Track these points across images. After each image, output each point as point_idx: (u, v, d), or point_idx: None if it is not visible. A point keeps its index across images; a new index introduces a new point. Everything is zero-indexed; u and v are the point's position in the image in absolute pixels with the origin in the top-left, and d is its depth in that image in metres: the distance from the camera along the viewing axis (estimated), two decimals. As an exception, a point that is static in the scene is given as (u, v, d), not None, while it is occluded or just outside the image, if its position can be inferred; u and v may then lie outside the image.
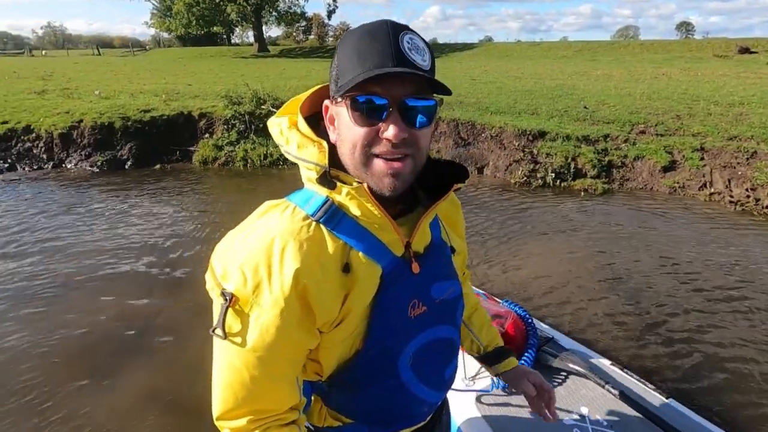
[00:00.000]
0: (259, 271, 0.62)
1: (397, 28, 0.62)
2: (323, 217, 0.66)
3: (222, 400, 0.66)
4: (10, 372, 2.48)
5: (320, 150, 0.66)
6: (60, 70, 16.31)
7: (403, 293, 0.71)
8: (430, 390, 0.82)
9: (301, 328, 0.65)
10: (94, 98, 8.79)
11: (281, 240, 0.63)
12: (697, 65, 15.39)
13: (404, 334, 0.73)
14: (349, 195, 0.65)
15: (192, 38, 37.04)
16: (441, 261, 0.78)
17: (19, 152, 6.92)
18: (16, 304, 3.14)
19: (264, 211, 0.69)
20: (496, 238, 4.21)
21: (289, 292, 0.62)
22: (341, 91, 0.62)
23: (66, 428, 2.13)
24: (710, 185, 5.28)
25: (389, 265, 0.69)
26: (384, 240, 0.69)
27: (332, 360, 0.72)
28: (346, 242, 0.67)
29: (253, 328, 0.63)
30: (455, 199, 0.88)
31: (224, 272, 0.64)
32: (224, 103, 7.45)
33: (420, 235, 0.73)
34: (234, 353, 0.65)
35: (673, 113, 7.23)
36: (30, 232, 4.41)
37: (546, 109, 7.68)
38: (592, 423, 1.42)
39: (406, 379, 0.75)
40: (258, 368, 0.64)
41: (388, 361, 0.73)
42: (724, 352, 2.62)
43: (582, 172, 5.74)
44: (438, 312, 0.77)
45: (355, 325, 0.68)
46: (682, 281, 3.41)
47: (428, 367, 0.79)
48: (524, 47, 25.34)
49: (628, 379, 1.63)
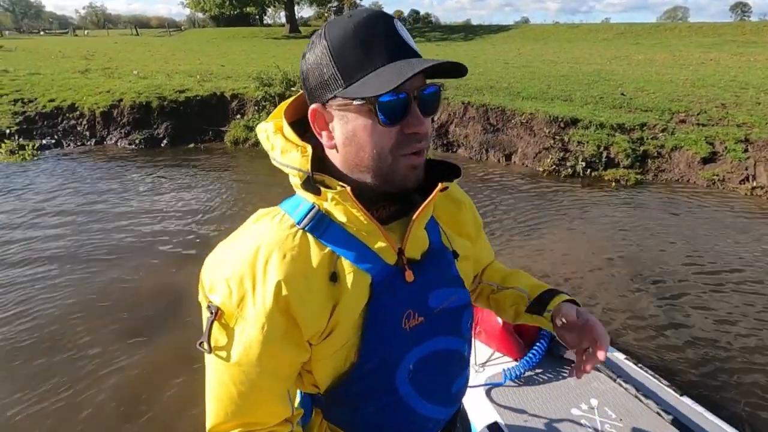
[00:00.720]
0: (243, 284, 0.61)
1: (388, 15, 0.59)
2: (309, 224, 0.64)
3: (213, 413, 0.66)
4: (62, 324, 2.75)
5: (303, 154, 0.63)
6: (101, 50, 16.92)
7: (394, 304, 0.67)
8: (434, 406, 0.77)
9: (286, 341, 0.63)
10: (132, 78, 9.11)
11: (265, 251, 0.62)
12: (751, 50, 14.41)
13: (399, 347, 0.69)
14: (334, 200, 0.63)
15: (225, 18, 37.44)
16: (440, 267, 0.73)
17: (64, 129, 7.31)
18: (68, 266, 3.43)
19: (255, 218, 0.68)
20: (520, 225, 4.17)
21: (272, 306, 0.60)
22: (360, 93, 0.57)
23: (109, 372, 2.39)
24: (753, 179, 5.02)
25: (379, 274, 0.65)
26: (374, 247, 0.65)
27: (326, 372, 0.69)
28: (333, 250, 0.64)
29: (237, 343, 0.62)
30: (457, 197, 0.82)
31: (211, 285, 0.63)
32: (255, 85, 7.58)
33: (413, 241, 0.69)
34: (221, 367, 0.64)
35: (718, 101, 6.86)
36: (75, 204, 4.71)
37: (580, 95, 7.43)
38: (600, 415, 1.44)
39: (405, 394, 0.71)
40: (244, 383, 0.63)
41: (384, 375, 0.69)
42: (750, 356, 2.54)
43: (614, 162, 5.57)
44: (438, 322, 0.72)
45: (346, 337, 0.65)
46: (712, 279, 3.30)
47: (430, 381, 0.74)
48: (562, 29, 24.35)
49: (642, 374, 1.62)
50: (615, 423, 1.41)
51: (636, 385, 1.52)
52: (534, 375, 1.63)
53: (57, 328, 2.76)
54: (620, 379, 1.55)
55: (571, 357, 1.67)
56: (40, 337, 2.67)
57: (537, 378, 1.62)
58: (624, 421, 1.41)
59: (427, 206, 0.66)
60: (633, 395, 1.49)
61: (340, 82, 0.58)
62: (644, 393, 1.49)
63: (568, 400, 1.51)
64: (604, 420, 1.42)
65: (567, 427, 1.40)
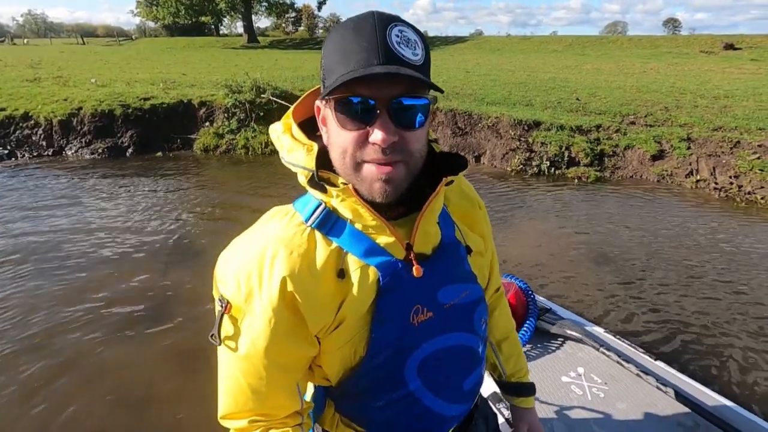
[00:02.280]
0: (251, 278, 0.62)
1: (386, 20, 0.57)
2: (316, 221, 0.65)
3: (224, 403, 0.68)
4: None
5: (308, 152, 0.64)
6: (47, 59, 16.03)
7: (401, 299, 0.67)
8: (446, 403, 0.76)
9: (291, 335, 0.64)
10: (90, 86, 8.74)
11: (273, 247, 0.63)
12: (684, 60, 15.79)
13: (408, 342, 0.69)
14: (339, 197, 0.63)
15: (179, 28, 36.48)
16: (452, 263, 0.72)
17: (18, 139, 6.89)
18: (42, 276, 3.27)
19: (269, 216, 0.69)
20: (492, 219, 4.41)
21: (278, 301, 0.62)
22: (326, 92, 0.57)
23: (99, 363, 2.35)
24: (696, 173, 5.55)
25: (386, 270, 0.65)
26: (381, 243, 0.65)
27: (335, 365, 0.70)
28: (341, 247, 0.65)
29: (245, 335, 0.64)
30: (471, 196, 0.81)
31: (222, 279, 0.65)
32: (224, 92, 7.49)
33: (422, 236, 0.67)
34: (231, 359, 0.66)
35: (662, 105, 7.51)
36: (33, 216, 4.48)
37: (540, 100, 7.89)
38: (587, 380, 1.60)
39: (415, 389, 0.72)
40: (253, 375, 0.65)
41: (393, 370, 0.69)
42: (703, 319, 2.87)
43: (575, 161, 5.97)
44: (448, 318, 0.72)
45: (354, 331, 0.66)
46: (666, 259, 3.66)
47: (441, 377, 0.74)
48: (515, 41, 25.55)
49: (620, 344, 1.81)
50: (601, 386, 1.57)
51: (617, 353, 1.69)
52: (526, 350, 1.78)
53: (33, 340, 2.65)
54: (602, 348, 1.72)
55: (557, 332, 1.84)
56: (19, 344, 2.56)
57: (528, 353, 1.76)
58: (609, 384, 1.57)
59: (434, 200, 0.66)
60: (615, 361, 1.66)
61: (324, 81, 0.60)
62: (624, 359, 1.66)
63: (558, 369, 1.66)
64: (591, 384, 1.58)
65: (559, 393, 1.55)
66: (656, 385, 1.53)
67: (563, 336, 1.83)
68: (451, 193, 0.78)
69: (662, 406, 1.47)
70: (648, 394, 1.52)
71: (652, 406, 1.47)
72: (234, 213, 4.57)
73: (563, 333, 1.83)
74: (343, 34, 0.58)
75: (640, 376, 1.58)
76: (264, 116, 7.32)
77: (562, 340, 1.82)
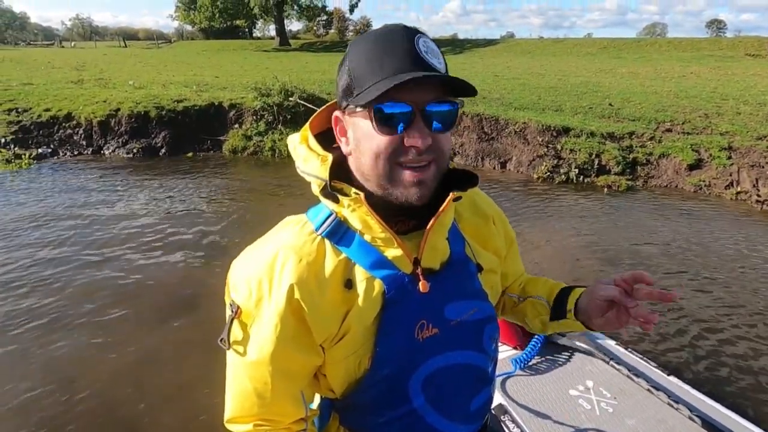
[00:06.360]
0: (262, 285, 0.64)
1: (412, 31, 0.61)
2: (326, 231, 0.66)
3: (230, 406, 0.70)
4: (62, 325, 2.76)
5: (323, 163, 0.66)
6: (91, 61, 16.85)
7: (406, 313, 0.67)
8: (451, 423, 0.74)
9: (296, 343, 0.65)
10: (128, 88, 9.12)
11: (284, 255, 0.65)
12: (728, 64, 15.04)
13: (412, 357, 0.68)
14: (350, 207, 0.64)
15: (215, 31, 37.63)
16: (460, 279, 0.72)
17: (60, 138, 7.27)
18: (68, 271, 3.44)
19: (282, 224, 0.71)
20: (516, 224, 4.30)
21: (284, 308, 0.63)
22: (361, 100, 0.59)
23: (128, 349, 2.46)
24: (737, 184, 5.27)
25: (392, 283, 0.66)
26: (389, 256, 0.66)
27: (339, 377, 0.70)
28: (349, 257, 0.66)
29: (253, 341, 0.65)
30: (485, 211, 0.81)
31: (234, 285, 0.67)
32: (253, 95, 7.67)
33: (430, 251, 0.68)
34: (238, 363, 0.68)
35: (701, 112, 7.17)
36: (74, 210, 4.70)
37: (570, 105, 7.69)
38: (596, 394, 1.55)
39: (419, 406, 0.71)
40: (259, 380, 0.66)
41: (396, 385, 0.69)
42: (731, 342, 2.70)
43: (606, 169, 5.78)
44: (454, 335, 0.71)
45: (359, 343, 0.66)
46: (698, 275, 3.48)
47: (446, 395, 0.73)
48: (547, 44, 25.04)
49: (632, 357, 1.74)
50: (610, 401, 1.51)
51: (627, 367, 1.64)
52: (534, 363, 1.73)
53: (60, 333, 2.78)
54: (612, 361, 1.67)
55: (566, 343, 1.79)
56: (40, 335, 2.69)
57: (536, 366, 1.72)
58: (618, 399, 1.52)
59: (442, 215, 0.66)
60: (625, 376, 1.60)
61: (353, 90, 0.61)
62: (635, 373, 1.60)
63: (566, 382, 1.61)
64: (600, 399, 1.53)
65: (566, 407, 1.50)
66: (668, 401, 1.48)
67: (573, 348, 1.79)
68: (462, 209, 0.78)
69: (673, 423, 1.41)
70: (659, 410, 1.47)
71: (663, 423, 1.41)
72: (260, 213, 4.66)
73: (573, 345, 1.79)
74: (375, 44, 0.61)
75: (651, 391, 1.52)
76: (291, 119, 7.44)
77: (571, 352, 1.78)
